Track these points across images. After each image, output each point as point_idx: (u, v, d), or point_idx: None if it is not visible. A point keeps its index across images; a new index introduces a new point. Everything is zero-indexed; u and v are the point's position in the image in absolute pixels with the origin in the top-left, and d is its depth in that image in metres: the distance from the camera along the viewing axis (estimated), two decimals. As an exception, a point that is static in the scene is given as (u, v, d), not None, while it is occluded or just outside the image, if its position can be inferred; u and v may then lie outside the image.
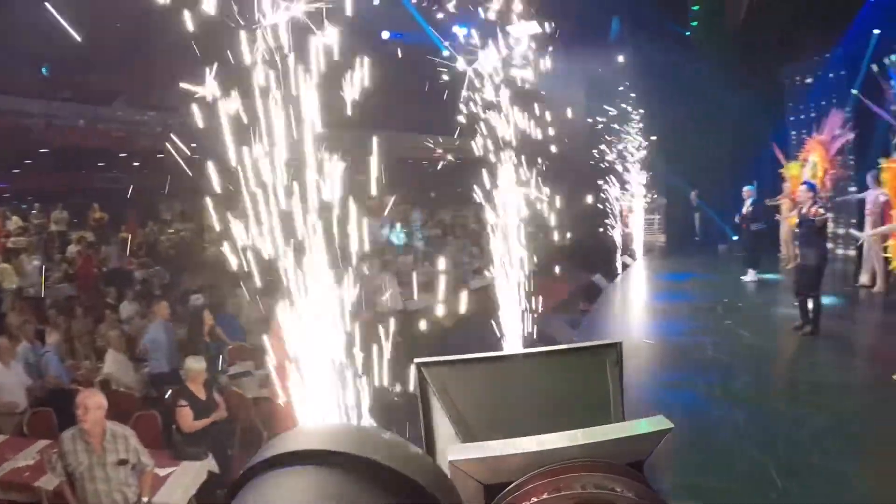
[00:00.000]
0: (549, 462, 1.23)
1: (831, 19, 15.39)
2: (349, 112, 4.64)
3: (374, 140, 5.43)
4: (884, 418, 6.02)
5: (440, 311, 14.16)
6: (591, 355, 2.02)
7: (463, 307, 15.34)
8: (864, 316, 9.81)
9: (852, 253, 15.15)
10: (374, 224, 19.64)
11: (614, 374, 1.93)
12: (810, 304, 8.43)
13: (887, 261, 8.07)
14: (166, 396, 6.93)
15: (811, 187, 8.48)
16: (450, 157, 28.06)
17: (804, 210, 8.29)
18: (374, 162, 5.66)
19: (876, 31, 15.37)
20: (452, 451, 1.49)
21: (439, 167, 28.76)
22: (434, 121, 26.63)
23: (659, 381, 6.77)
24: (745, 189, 12.19)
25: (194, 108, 3.95)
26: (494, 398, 1.98)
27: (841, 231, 15.84)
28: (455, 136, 25.93)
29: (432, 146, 27.71)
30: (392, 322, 12.50)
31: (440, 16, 21.75)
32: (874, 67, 13.41)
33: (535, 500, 1.02)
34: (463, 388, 1.92)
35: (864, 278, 11.19)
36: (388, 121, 25.71)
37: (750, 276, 12.21)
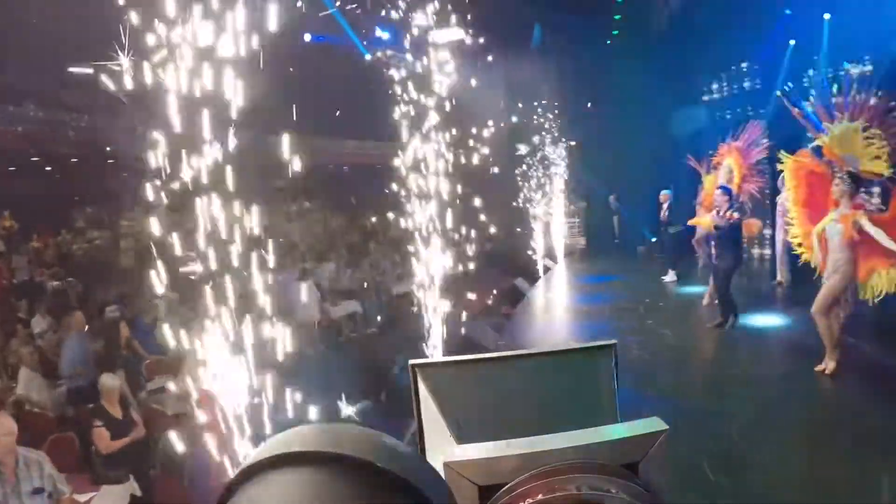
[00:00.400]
0: (543, 463, 1.23)
1: (749, 31, 16.01)
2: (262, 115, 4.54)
3: (286, 143, 5.28)
4: (806, 408, 6.33)
5: (363, 318, 14.09)
6: (585, 356, 2.05)
7: (386, 313, 15.27)
8: (781, 311, 10.18)
9: (767, 252, 15.85)
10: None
11: (608, 375, 1.99)
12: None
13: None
14: (85, 414, 6.64)
15: (727, 191, 8.79)
16: (371, 161, 27.94)
17: (720, 213, 8.63)
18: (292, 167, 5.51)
19: (791, 42, 16.09)
20: (447, 452, 1.50)
21: (361, 172, 28.62)
22: (356, 125, 26.47)
23: None
24: (663, 193, 12.55)
25: (109, 110, 3.83)
26: (489, 399, 2.04)
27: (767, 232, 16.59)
28: (377, 141, 25.89)
29: (354, 151, 27.52)
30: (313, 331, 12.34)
31: (363, 20, 21.68)
32: (787, 87, 14.10)
33: (531, 501, 1.03)
34: (457, 389, 1.99)
35: (780, 276, 11.71)
36: (307, 125, 25.39)
37: (670, 276, 12.54)
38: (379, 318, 14.41)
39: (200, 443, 4.43)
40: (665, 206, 12.39)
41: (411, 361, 1.96)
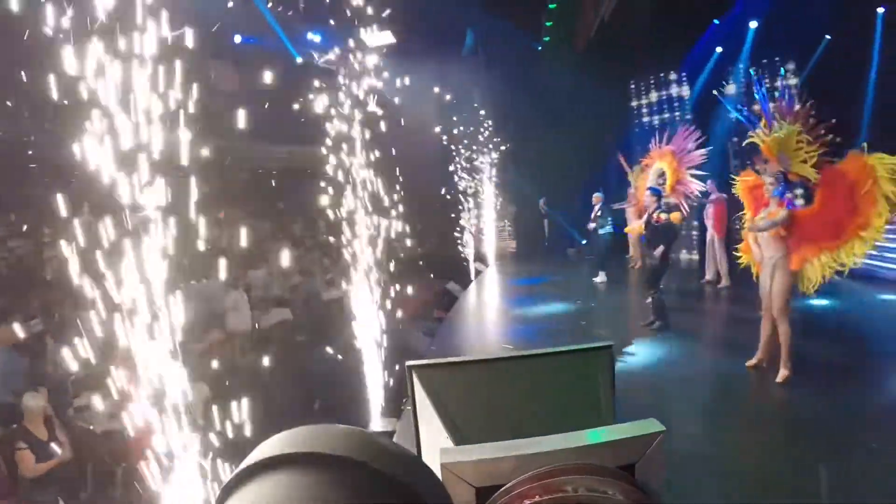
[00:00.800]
0: (540, 465, 1.24)
1: (678, 39, 16.42)
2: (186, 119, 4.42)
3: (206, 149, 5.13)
4: (738, 403, 6.50)
5: (296, 325, 13.85)
6: (582, 358, 2.26)
7: (318, 320, 15.06)
8: (712, 309, 10.45)
9: (695, 257, 16.29)
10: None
11: (605, 377, 2.19)
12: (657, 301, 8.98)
13: (733, 258, 8.72)
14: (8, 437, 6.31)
15: (656, 192, 8.99)
16: (300, 166, 27.53)
17: (650, 214, 8.84)
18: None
19: (718, 49, 16.63)
20: (444, 453, 1.60)
21: (290, 177, 28.17)
22: (285, 130, 26.04)
23: None
24: (595, 195, 12.75)
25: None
26: (486, 401, 2.22)
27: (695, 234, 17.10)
28: (305, 146, 25.50)
29: (283, 156, 27.08)
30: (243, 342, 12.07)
31: (294, 22, 21.38)
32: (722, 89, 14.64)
33: (528, 502, 1.03)
34: (455, 390, 2.14)
35: (708, 275, 12.08)
36: (235, 129, 24.87)
37: (600, 278, 12.69)
38: (309, 325, 14.20)
39: (132, 461, 4.28)
40: (596, 207, 12.60)
41: (408, 363, 2.15)
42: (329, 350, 12.47)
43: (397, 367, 7.17)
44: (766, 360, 6.60)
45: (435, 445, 1.84)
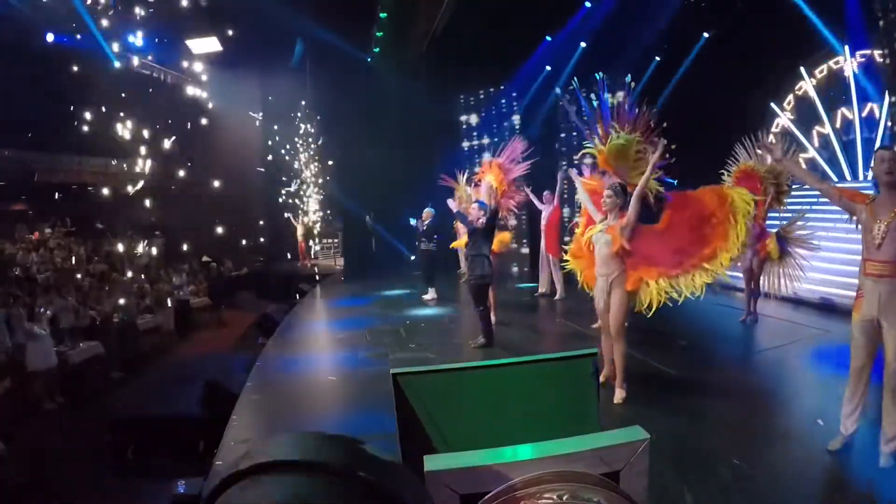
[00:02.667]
0: (525, 472, 1.32)
1: (510, 54, 16.60)
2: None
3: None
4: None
5: (106, 360, 12.73)
6: (567, 366, 2.32)
7: (133, 352, 13.98)
8: (543, 323, 10.44)
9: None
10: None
11: (591, 385, 2.25)
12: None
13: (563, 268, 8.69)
14: None
15: (482, 206, 8.86)
16: (123, 182, 25.85)
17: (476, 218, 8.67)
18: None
19: (548, 67, 16.98)
20: (429, 460, 1.64)
21: (109, 193, 26.35)
22: (102, 141, 24.32)
23: (345, 425, 6.30)
24: (426, 210, 12.53)
25: None
26: (471, 408, 2.26)
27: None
28: (124, 159, 23.94)
29: (99, 170, 25.23)
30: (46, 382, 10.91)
31: (110, 22, 19.92)
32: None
33: None
34: (440, 398, 2.19)
35: (542, 287, 12.22)
36: (45, 140, 22.94)
37: (430, 294, 12.56)
38: (123, 360, 13.14)
39: None
40: (425, 223, 12.40)
41: (393, 371, 2.19)
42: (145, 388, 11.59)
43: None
44: (614, 377, 6.30)
45: (420, 452, 1.82)
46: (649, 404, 6.01)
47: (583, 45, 16.58)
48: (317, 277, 18.99)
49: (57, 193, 25.57)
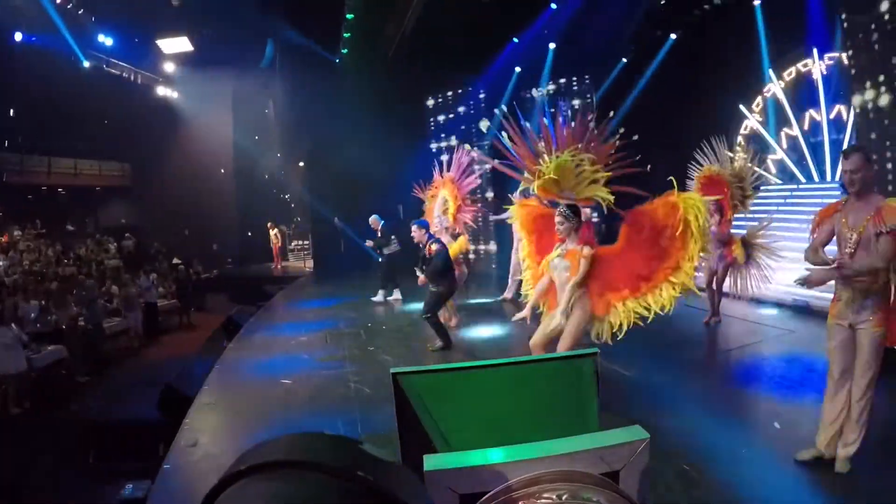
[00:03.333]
0: (525, 472, 1.29)
1: (476, 55, 16.69)
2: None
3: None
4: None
5: (70, 364, 12.68)
6: (567, 366, 2.30)
7: (99, 355, 13.94)
8: (505, 327, 10.43)
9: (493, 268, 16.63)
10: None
11: (591, 385, 2.21)
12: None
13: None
14: None
15: (422, 225, 8.99)
16: (90, 182, 25.72)
17: (423, 247, 8.82)
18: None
19: (517, 69, 17.08)
20: (428, 460, 1.64)
21: (79, 194, 26.20)
22: (73, 141, 24.18)
23: (296, 427, 6.34)
24: (372, 218, 12.64)
25: None
26: (471, 408, 2.23)
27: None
28: (97, 160, 23.85)
29: (71, 171, 25.11)
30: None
31: (84, 22, 19.79)
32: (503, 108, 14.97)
33: None
34: (439, 397, 2.16)
35: (508, 293, 12.02)
36: (13, 141, 22.79)
37: (379, 297, 12.67)
38: (88, 363, 13.09)
39: None
40: (378, 230, 12.47)
41: (392, 370, 2.16)
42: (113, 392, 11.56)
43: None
44: None
45: (419, 452, 1.83)
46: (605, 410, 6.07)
47: (552, 46, 16.73)
48: (285, 280, 19.01)
49: (27, 195, 25.44)
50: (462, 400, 2.33)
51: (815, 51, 13.05)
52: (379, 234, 12.39)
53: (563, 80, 17.22)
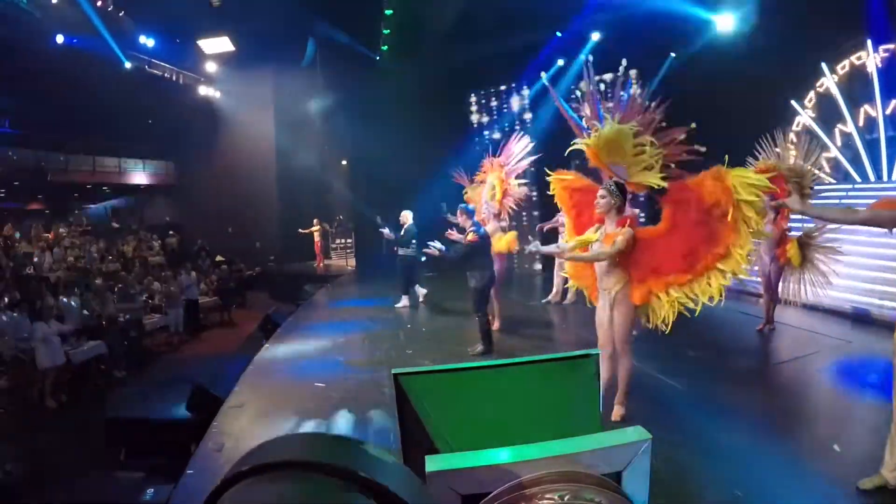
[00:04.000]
0: (527, 473, 1.32)
1: (519, 51, 16.37)
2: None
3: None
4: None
5: (109, 360, 12.66)
6: (568, 366, 2.29)
7: (138, 352, 13.92)
8: (548, 331, 10.12)
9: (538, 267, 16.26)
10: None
11: (592, 385, 2.22)
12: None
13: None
14: None
15: (468, 211, 8.59)
16: (137, 181, 26.06)
17: (467, 232, 8.34)
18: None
19: (560, 62, 16.69)
20: (430, 461, 1.60)
21: (123, 192, 26.56)
22: (116, 141, 24.52)
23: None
24: (404, 213, 12.03)
25: None
26: (472, 408, 2.23)
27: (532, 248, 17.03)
28: (140, 159, 24.15)
29: (115, 170, 25.43)
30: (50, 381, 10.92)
31: (125, 23, 19.99)
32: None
33: None
34: (441, 398, 2.15)
35: (551, 295, 11.74)
36: (57, 140, 23.14)
37: (402, 302, 12.03)
38: (127, 359, 13.06)
39: None
40: (405, 227, 11.84)
41: (394, 370, 2.15)
42: (146, 390, 11.46)
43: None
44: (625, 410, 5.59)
45: (421, 453, 1.83)
46: (648, 422, 5.69)
47: (595, 37, 16.26)
48: (326, 278, 18.88)
49: (73, 193, 25.87)
50: (464, 400, 2.32)
51: (869, 42, 12.47)
52: (402, 233, 11.76)
53: (608, 76, 16.75)
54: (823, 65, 13.61)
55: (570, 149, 6.04)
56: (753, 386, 6.86)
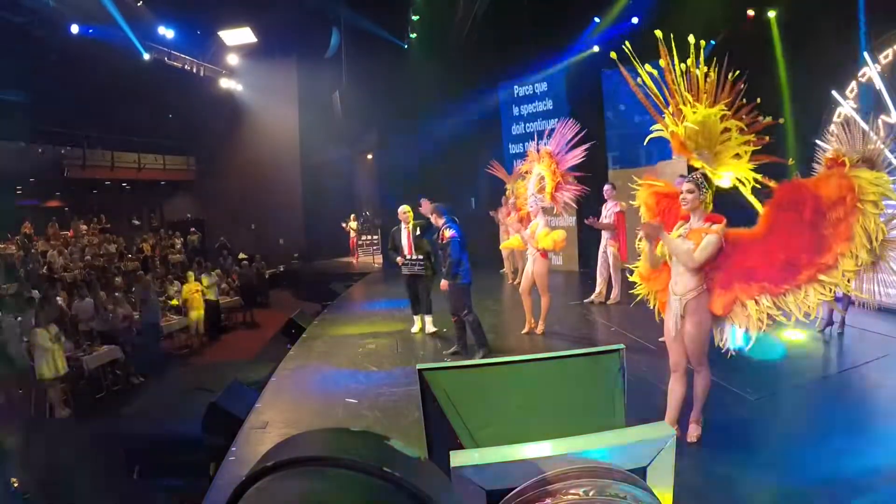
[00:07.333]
0: (551, 468, 1.37)
1: (554, 36, 15.52)
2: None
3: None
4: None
5: (125, 365, 12.02)
6: (593, 362, 2.41)
7: (156, 356, 13.24)
8: (596, 334, 9.35)
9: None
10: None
11: (616, 381, 2.34)
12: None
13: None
14: None
15: (440, 210, 8.23)
16: (155, 177, 25.52)
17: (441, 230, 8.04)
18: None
19: (595, 49, 15.79)
20: (455, 456, 1.70)
21: (143, 189, 26.04)
22: (135, 136, 24.00)
23: None
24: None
25: None
26: (497, 404, 2.37)
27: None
28: (162, 154, 23.59)
29: (135, 166, 24.88)
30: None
31: (143, 14, 19.39)
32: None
33: None
34: (465, 394, 2.29)
35: (593, 295, 10.89)
36: (75, 135, 22.63)
37: (416, 326, 9.90)
38: (145, 364, 12.38)
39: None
40: (416, 227, 10.17)
41: (419, 366, 2.29)
42: (166, 399, 10.80)
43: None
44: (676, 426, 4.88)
45: (446, 448, 1.83)
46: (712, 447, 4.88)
47: (635, 20, 15.34)
48: (353, 276, 18.20)
49: (92, 189, 25.37)
50: (488, 396, 2.32)
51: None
52: (418, 232, 10.03)
53: (646, 65, 15.79)
54: (866, 54, 12.67)
55: (651, 136, 5.27)
56: (818, 393, 6.36)
